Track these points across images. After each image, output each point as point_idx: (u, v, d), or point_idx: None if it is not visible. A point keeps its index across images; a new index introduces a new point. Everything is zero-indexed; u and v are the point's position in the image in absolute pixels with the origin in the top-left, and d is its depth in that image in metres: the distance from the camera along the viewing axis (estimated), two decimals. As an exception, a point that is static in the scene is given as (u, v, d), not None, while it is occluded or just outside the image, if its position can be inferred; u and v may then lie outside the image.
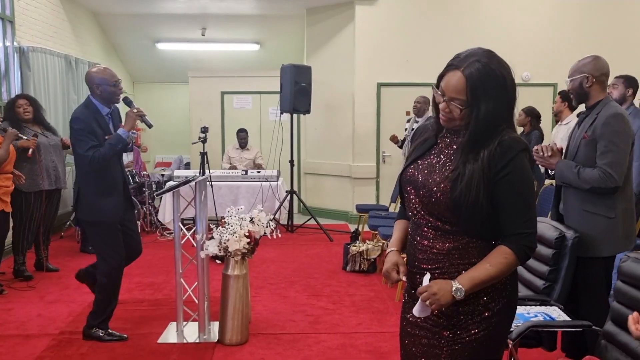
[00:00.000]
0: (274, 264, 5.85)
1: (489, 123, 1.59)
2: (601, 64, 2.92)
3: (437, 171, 1.69)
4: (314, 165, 8.75)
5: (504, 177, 1.59)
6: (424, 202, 1.70)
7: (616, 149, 2.72)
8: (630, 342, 2.06)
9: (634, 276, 2.10)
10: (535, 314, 2.48)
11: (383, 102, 8.01)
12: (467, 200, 1.58)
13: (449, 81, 1.63)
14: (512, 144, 1.60)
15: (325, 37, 8.39)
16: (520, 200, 1.61)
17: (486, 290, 1.67)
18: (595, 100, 2.89)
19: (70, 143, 3.71)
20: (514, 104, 1.66)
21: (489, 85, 1.57)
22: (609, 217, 2.76)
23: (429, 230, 1.72)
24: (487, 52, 1.64)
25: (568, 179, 2.85)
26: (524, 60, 7.90)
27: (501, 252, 1.62)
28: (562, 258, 2.72)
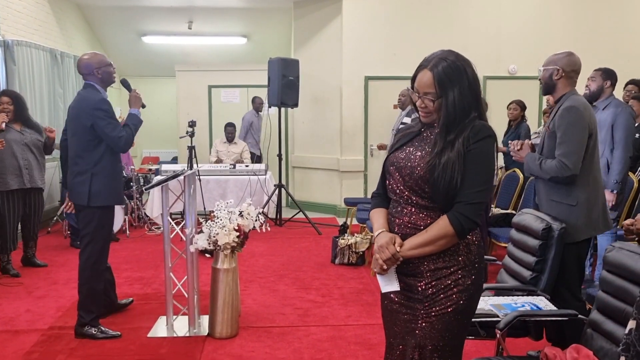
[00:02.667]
0: (263, 257, 5.86)
1: (458, 109, 1.81)
2: (573, 60, 3.06)
3: (419, 154, 1.89)
4: (302, 159, 8.76)
5: (468, 152, 1.80)
6: (406, 181, 1.89)
7: (569, 139, 2.88)
8: (615, 331, 2.11)
9: (619, 265, 2.14)
10: (522, 304, 2.52)
11: (371, 96, 8.03)
12: (444, 179, 1.79)
13: (420, 80, 1.86)
14: (482, 129, 1.83)
15: (313, 31, 8.38)
16: (475, 174, 1.79)
17: (457, 267, 1.85)
18: (560, 94, 3.05)
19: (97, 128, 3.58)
20: (478, 93, 1.87)
21: (452, 76, 1.81)
22: (571, 204, 2.90)
23: (410, 207, 1.89)
24: (448, 51, 1.88)
25: (532, 170, 3.06)
26: (511, 53, 7.97)
27: (440, 219, 1.83)
28: (549, 249, 2.76)
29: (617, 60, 7.35)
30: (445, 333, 1.86)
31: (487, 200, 1.82)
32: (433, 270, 1.86)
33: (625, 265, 2.11)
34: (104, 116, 3.57)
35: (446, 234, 1.80)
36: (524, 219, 3.01)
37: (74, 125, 3.67)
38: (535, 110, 7.79)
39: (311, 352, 3.54)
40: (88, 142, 3.60)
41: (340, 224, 6.84)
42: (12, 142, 5.07)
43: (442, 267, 1.85)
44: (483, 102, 1.81)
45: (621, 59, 7.51)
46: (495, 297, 2.67)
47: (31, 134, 5.31)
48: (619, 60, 7.35)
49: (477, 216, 1.80)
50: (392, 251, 1.83)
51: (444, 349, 1.87)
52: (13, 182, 5.09)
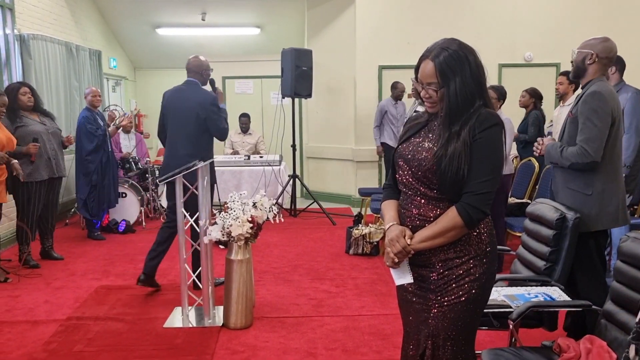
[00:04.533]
0: (278, 248, 5.89)
1: (461, 98, 1.80)
2: (609, 46, 3.00)
3: (427, 145, 1.89)
4: (316, 149, 8.76)
5: (474, 142, 1.79)
6: (415, 173, 1.88)
7: (592, 125, 2.83)
8: (629, 321, 2.09)
9: (634, 256, 2.12)
10: (536, 295, 2.51)
11: (384, 85, 7.98)
12: (451, 170, 1.78)
13: (422, 70, 1.86)
14: (488, 117, 1.82)
15: (326, 20, 8.34)
16: (481, 164, 1.78)
17: (468, 257, 1.86)
18: (589, 79, 2.99)
19: (210, 121, 4.28)
20: (482, 81, 1.85)
21: (454, 65, 1.80)
22: (587, 194, 2.88)
23: (419, 198, 1.89)
24: (451, 39, 1.88)
25: (553, 158, 3.01)
26: (527, 41, 7.86)
27: (449, 210, 1.83)
28: (563, 239, 2.73)
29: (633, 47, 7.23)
30: (458, 322, 1.87)
31: (494, 189, 1.81)
32: (444, 260, 1.87)
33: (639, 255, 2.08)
34: (216, 110, 4.28)
35: (455, 225, 1.80)
36: (538, 209, 2.99)
37: (185, 115, 4.27)
38: (552, 98, 7.67)
39: (325, 342, 3.56)
40: (197, 131, 4.26)
41: (354, 214, 6.84)
42: (40, 133, 5.15)
43: (454, 257, 1.86)
44: (502, 90, 1.83)
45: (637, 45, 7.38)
46: (508, 287, 2.66)
47: (51, 123, 5.41)
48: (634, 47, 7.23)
49: (486, 206, 1.80)
50: (402, 244, 1.83)
51: (457, 337, 1.88)
52: (44, 172, 5.20)
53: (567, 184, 2.97)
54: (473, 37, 7.68)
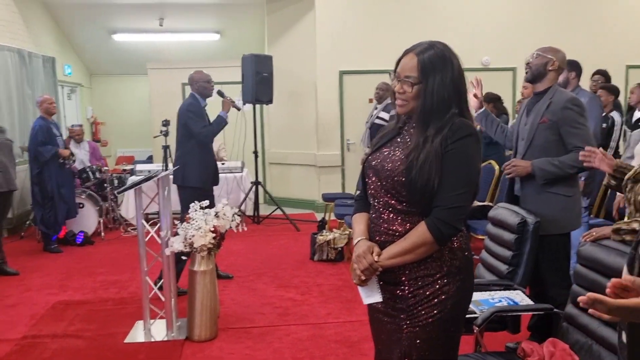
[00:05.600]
0: (242, 256, 5.82)
1: (438, 97, 1.73)
2: (564, 57, 3.10)
3: (397, 155, 1.79)
4: (278, 155, 8.71)
5: (447, 152, 1.70)
6: (384, 185, 1.79)
7: (583, 127, 2.92)
8: (590, 324, 2.12)
9: (593, 259, 2.16)
10: (499, 299, 2.53)
11: (346, 90, 8.00)
12: (421, 180, 1.69)
13: (404, 63, 1.79)
14: (462, 126, 1.73)
15: (286, 26, 8.32)
16: (453, 176, 1.69)
17: (440, 274, 1.75)
18: (546, 86, 3.05)
19: (184, 126, 4.72)
20: (462, 88, 1.77)
21: (437, 63, 1.74)
22: (568, 195, 2.93)
23: (388, 212, 1.80)
24: (439, 41, 1.82)
25: (552, 174, 2.91)
26: (484, 45, 8.00)
27: (418, 225, 1.73)
28: (524, 242, 2.77)
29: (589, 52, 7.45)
30: (432, 343, 1.76)
31: (468, 203, 1.73)
32: (415, 278, 1.77)
33: (599, 260, 2.12)
34: (190, 115, 4.69)
35: (425, 241, 1.70)
36: (499, 213, 3.03)
37: (177, 123, 4.80)
38: (510, 101, 7.84)
39: (292, 351, 3.52)
40: (182, 136, 4.75)
41: (318, 220, 6.83)
42: None
43: (425, 275, 1.76)
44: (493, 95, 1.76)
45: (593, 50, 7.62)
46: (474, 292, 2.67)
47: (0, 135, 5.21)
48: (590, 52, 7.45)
49: (457, 221, 1.70)
50: (369, 261, 1.74)
51: (432, 357, 1.78)
52: None
53: (547, 189, 2.94)
54: (432, 42, 7.80)
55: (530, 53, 3.16)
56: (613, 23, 8.15)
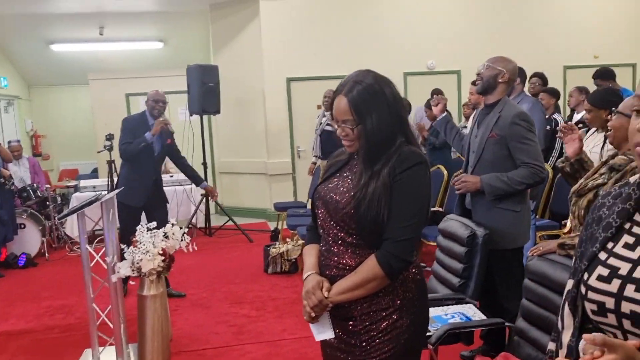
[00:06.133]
0: (194, 272, 5.70)
1: (379, 134, 1.68)
2: (515, 69, 3.08)
3: (346, 187, 1.75)
4: (228, 164, 8.60)
5: (396, 183, 1.66)
6: (334, 218, 1.75)
7: (532, 142, 2.92)
8: (540, 338, 2.16)
9: (541, 274, 2.19)
10: (452, 315, 2.55)
11: (294, 97, 7.97)
12: (370, 214, 1.65)
13: (337, 106, 1.73)
14: (409, 156, 1.69)
15: (231, 34, 8.21)
16: (403, 207, 1.65)
17: (393, 308, 1.72)
18: (496, 98, 3.02)
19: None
20: (402, 115, 1.74)
21: (369, 100, 1.68)
22: (516, 210, 2.94)
23: (338, 245, 1.76)
24: (365, 72, 1.74)
25: (501, 189, 2.91)
26: (429, 49, 8.13)
27: (369, 259, 1.69)
28: (474, 255, 2.80)
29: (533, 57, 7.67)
30: None
31: (418, 234, 1.71)
32: (367, 313, 1.72)
33: (546, 274, 2.16)
34: (123, 129, 4.73)
35: (375, 276, 1.65)
36: (449, 226, 3.05)
37: None
38: (455, 104, 7.99)
39: (247, 373, 3.46)
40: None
41: (271, 230, 6.78)
42: None
43: (377, 310, 1.71)
44: (406, 102, 1.73)
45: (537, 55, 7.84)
46: (426, 308, 2.68)
47: None
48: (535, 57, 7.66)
49: (408, 254, 1.67)
50: (319, 297, 1.70)
51: None
52: None
53: (496, 204, 2.95)
54: (379, 47, 7.90)
55: (482, 63, 3.12)
56: (550, 25, 8.42)
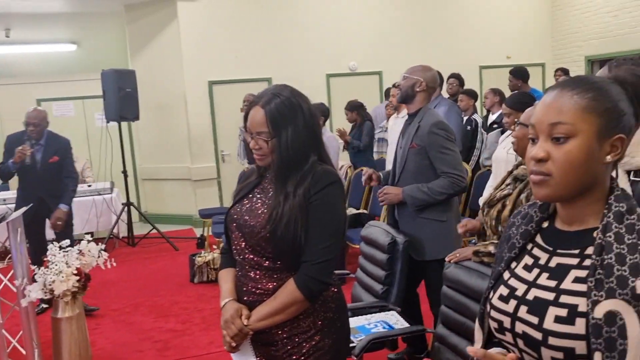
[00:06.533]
0: (116, 285, 5.48)
1: (294, 148, 1.66)
2: (434, 75, 3.10)
3: (260, 209, 1.71)
4: (151, 170, 8.34)
5: (311, 204, 1.65)
6: (249, 242, 1.71)
7: (451, 152, 2.93)
8: (459, 344, 2.21)
9: (457, 281, 2.25)
10: (375, 324, 2.57)
11: (216, 100, 7.83)
12: (287, 237, 1.63)
13: (252, 118, 1.70)
14: (324, 175, 1.68)
15: (149, 36, 7.95)
16: (319, 229, 1.65)
17: (314, 330, 1.71)
18: (418, 107, 3.05)
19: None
20: (316, 132, 1.74)
21: (286, 113, 1.66)
22: (441, 220, 2.95)
23: (255, 271, 1.72)
24: (283, 86, 1.75)
25: (422, 200, 2.93)
26: (351, 50, 8.21)
27: (287, 283, 1.67)
28: (396, 262, 2.84)
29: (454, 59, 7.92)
30: None
31: (335, 255, 1.69)
32: (289, 337, 1.71)
33: (462, 281, 2.21)
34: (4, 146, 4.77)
35: (295, 300, 1.64)
36: (371, 232, 3.08)
37: None
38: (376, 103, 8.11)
39: (173, 392, 3.36)
40: None
41: (197, 236, 6.65)
42: None
43: (299, 333, 1.71)
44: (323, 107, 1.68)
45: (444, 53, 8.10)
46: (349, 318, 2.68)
47: None
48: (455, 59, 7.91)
49: (327, 275, 1.66)
50: (238, 326, 1.66)
51: None
52: None
53: (420, 214, 2.96)
54: (302, 48, 7.89)
55: (401, 74, 3.16)
56: (466, 27, 8.73)
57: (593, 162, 1.03)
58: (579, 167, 1.02)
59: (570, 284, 1.05)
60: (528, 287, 1.11)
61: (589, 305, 0.99)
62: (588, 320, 0.98)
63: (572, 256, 1.08)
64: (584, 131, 1.02)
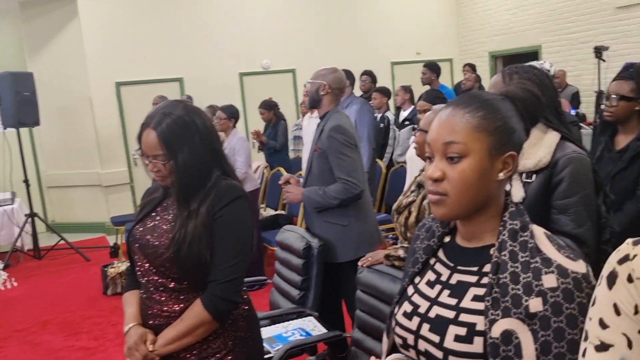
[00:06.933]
0: (21, 303, 5.14)
1: (193, 169, 1.61)
2: (339, 77, 3.07)
3: (163, 228, 1.65)
4: (57, 177, 7.88)
5: (216, 221, 1.61)
6: (153, 263, 1.65)
7: (347, 158, 2.89)
8: (374, 347, 2.23)
9: (371, 286, 2.26)
10: (292, 332, 2.55)
11: (125, 102, 7.52)
12: (192, 257, 1.58)
13: (145, 141, 1.63)
14: (228, 190, 1.64)
15: (47, 35, 7.49)
16: (225, 247, 1.61)
17: (226, 350, 1.67)
18: (326, 110, 3.04)
19: None
20: (216, 147, 1.68)
21: (180, 133, 1.60)
22: (343, 224, 2.93)
23: (160, 293, 1.66)
24: (174, 102, 1.69)
25: (318, 203, 2.93)
26: (263, 49, 8.15)
27: (194, 304, 1.62)
28: (311, 267, 2.83)
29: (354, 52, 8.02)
30: None
31: (243, 272, 1.66)
32: (200, 359, 1.66)
33: (375, 285, 2.23)
34: None
35: (202, 321, 1.59)
36: (286, 237, 3.05)
37: None
38: (292, 103, 8.11)
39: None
40: None
41: (110, 245, 6.38)
42: None
43: (209, 355, 1.66)
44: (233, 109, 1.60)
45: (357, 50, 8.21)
46: (267, 327, 2.66)
47: None
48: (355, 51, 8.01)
49: (235, 294, 1.63)
50: (143, 353, 1.59)
51: None
52: None
53: (323, 217, 2.96)
54: (212, 47, 7.73)
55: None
56: (377, 24, 8.89)
57: (486, 180, 1.04)
58: (472, 186, 1.03)
59: (470, 302, 1.06)
60: (430, 304, 1.11)
61: (486, 324, 1.00)
62: (486, 339, 1.00)
63: (471, 273, 1.09)
64: (476, 150, 1.03)
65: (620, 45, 7.27)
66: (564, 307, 0.97)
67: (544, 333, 0.96)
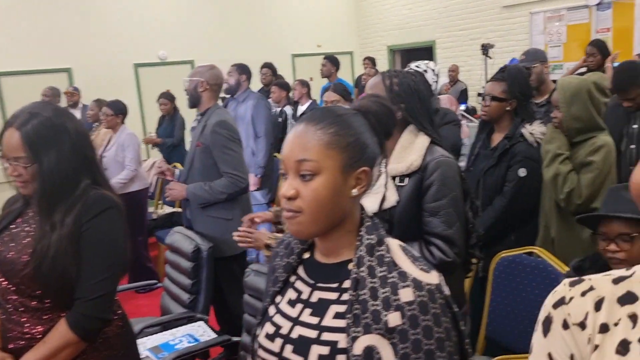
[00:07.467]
0: None
1: (59, 175, 1.51)
2: (217, 74, 3.08)
3: (23, 242, 1.53)
4: None
5: (83, 233, 1.51)
6: (12, 281, 1.52)
7: (233, 152, 2.93)
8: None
9: (257, 289, 2.24)
10: (180, 339, 2.48)
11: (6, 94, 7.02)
12: (56, 272, 1.47)
13: (7, 142, 1.51)
14: (98, 200, 1.54)
15: None
16: (95, 261, 1.52)
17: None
18: (206, 107, 3.04)
19: None
20: (87, 154, 1.60)
21: (47, 136, 1.50)
22: (227, 219, 2.95)
23: (21, 313, 1.54)
24: (43, 103, 1.61)
25: (204, 198, 2.93)
26: (159, 39, 7.87)
27: (58, 324, 1.52)
28: (201, 270, 2.76)
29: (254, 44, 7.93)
30: None
31: (114, 288, 1.57)
32: None
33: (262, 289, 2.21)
34: None
35: (68, 342, 1.49)
36: (175, 240, 2.97)
37: None
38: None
39: None
40: None
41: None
42: None
43: None
44: (120, 105, 1.47)
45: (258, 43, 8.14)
46: (155, 335, 2.57)
47: None
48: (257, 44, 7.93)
49: (104, 311, 1.53)
50: None
51: None
52: None
53: (207, 213, 2.96)
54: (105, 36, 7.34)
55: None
56: (277, 15, 8.85)
57: (339, 197, 1.04)
58: (326, 203, 1.02)
59: (331, 320, 1.06)
60: (292, 324, 1.10)
61: (348, 342, 1.00)
62: (349, 357, 0.99)
63: (331, 290, 1.09)
64: (328, 167, 1.02)
65: (505, 42, 7.70)
66: (420, 319, 0.98)
67: (403, 346, 0.98)
